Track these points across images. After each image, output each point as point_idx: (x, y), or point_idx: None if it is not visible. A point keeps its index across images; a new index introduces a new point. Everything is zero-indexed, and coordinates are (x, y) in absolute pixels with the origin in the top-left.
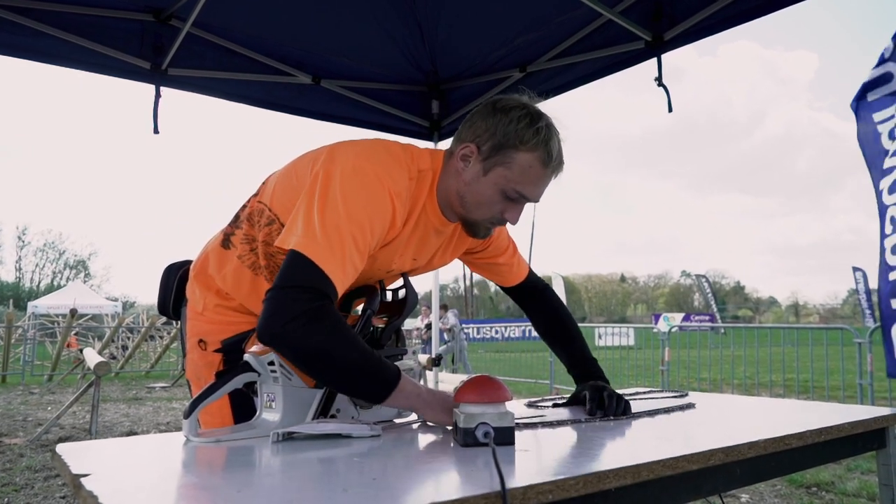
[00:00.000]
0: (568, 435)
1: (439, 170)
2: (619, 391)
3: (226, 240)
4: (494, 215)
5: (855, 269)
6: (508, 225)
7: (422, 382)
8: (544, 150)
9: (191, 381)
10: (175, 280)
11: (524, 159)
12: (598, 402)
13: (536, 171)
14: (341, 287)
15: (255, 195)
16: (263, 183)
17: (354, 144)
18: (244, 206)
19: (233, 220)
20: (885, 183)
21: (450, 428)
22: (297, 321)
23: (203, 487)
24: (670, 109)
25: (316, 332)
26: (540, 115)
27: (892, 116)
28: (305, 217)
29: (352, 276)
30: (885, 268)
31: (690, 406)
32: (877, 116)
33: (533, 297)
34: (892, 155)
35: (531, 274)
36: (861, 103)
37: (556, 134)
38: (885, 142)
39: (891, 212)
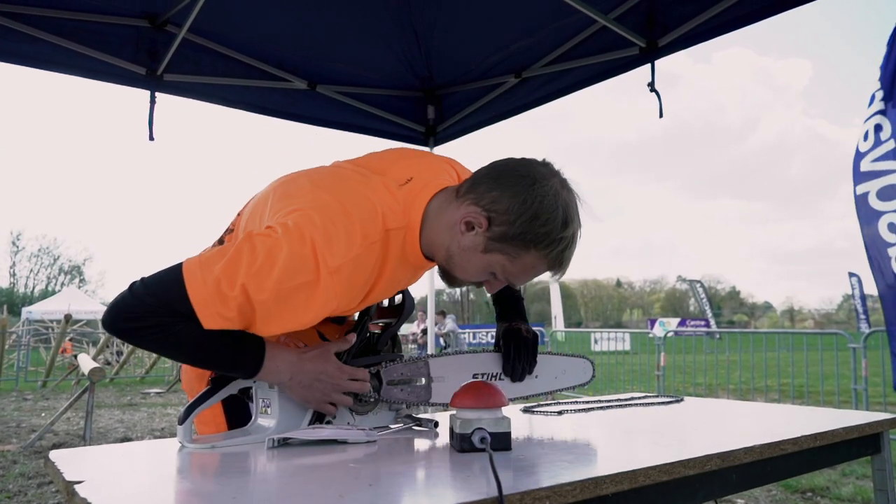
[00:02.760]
0: (563, 438)
1: (417, 225)
2: (615, 397)
3: None
4: (475, 282)
5: (851, 275)
6: None
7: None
8: (556, 259)
9: (186, 393)
10: None
11: (531, 259)
12: (508, 359)
13: (538, 271)
14: (211, 321)
15: (231, 230)
16: (238, 214)
17: (316, 213)
18: (222, 240)
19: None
20: (869, 188)
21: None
22: (131, 322)
23: (198, 494)
24: (661, 115)
25: (144, 339)
26: (569, 222)
27: (872, 115)
28: (223, 254)
29: (230, 325)
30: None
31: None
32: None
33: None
34: (876, 159)
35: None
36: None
37: (576, 242)
38: (860, 143)
39: (888, 218)
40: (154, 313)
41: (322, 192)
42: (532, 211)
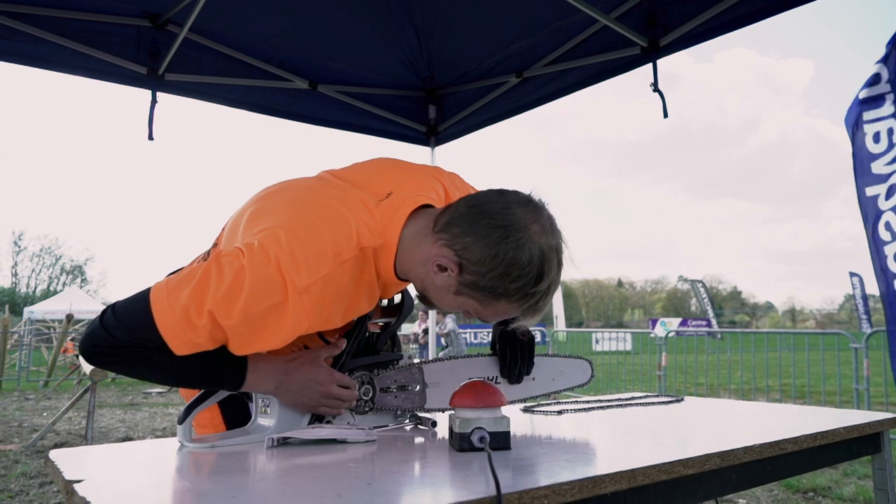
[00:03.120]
0: (563, 438)
1: (393, 245)
2: (615, 396)
3: None
4: (452, 311)
5: (852, 275)
6: None
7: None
8: (530, 309)
9: (184, 398)
10: None
11: (503, 307)
12: (505, 362)
13: (509, 315)
14: (182, 349)
15: (216, 245)
16: (223, 228)
17: (284, 232)
18: (209, 253)
19: (202, 259)
20: (879, 189)
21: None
22: (101, 350)
23: (197, 493)
24: (665, 115)
25: (121, 368)
26: (544, 276)
27: (879, 119)
28: (191, 279)
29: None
30: (890, 275)
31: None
32: (865, 116)
33: None
34: (889, 162)
35: None
36: (854, 103)
37: (552, 292)
38: (871, 144)
39: (886, 217)
40: (126, 345)
41: (294, 210)
42: (503, 266)
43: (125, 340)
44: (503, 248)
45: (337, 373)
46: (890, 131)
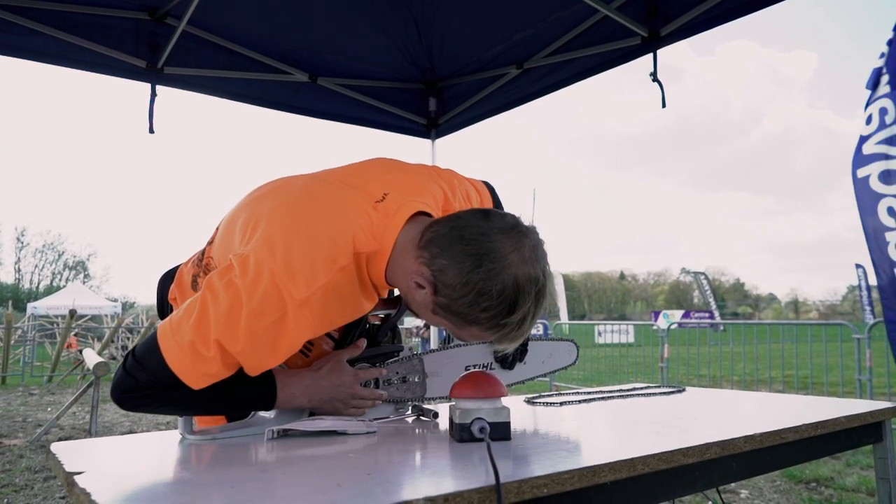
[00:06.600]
0: (564, 428)
1: (388, 251)
2: (616, 387)
3: (193, 281)
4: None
5: (857, 266)
6: None
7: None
8: (503, 338)
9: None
10: (168, 289)
11: (476, 332)
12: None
13: (483, 339)
14: (199, 383)
15: (211, 242)
16: (217, 228)
17: (279, 242)
18: (204, 252)
19: (198, 259)
20: (871, 170)
21: (431, 419)
22: (130, 394)
23: (197, 483)
24: (664, 104)
25: (151, 408)
26: (517, 308)
27: (874, 99)
28: (191, 312)
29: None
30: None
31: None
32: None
33: None
34: (880, 141)
35: None
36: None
37: (528, 322)
38: (862, 126)
39: (889, 202)
40: (148, 386)
41: (288, 216)
42: (473, 295)
43: (149, 381)
44: (473, 277)
45: (361, 372)
46: (882, 111)
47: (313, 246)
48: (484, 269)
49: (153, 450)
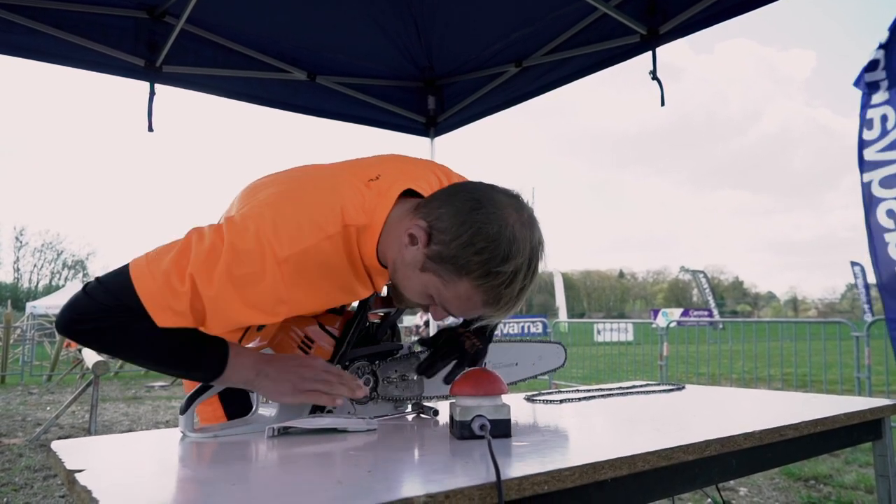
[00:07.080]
0: (564, 426)
1: (379, 227)
2: (616, 385)
3: None
4: (419, 304)
5: (853, 264)
6: None
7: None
8: (491, 295)
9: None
10: None
11: (464, 288)
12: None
13: (472, 304)
14: (163, 317)
15: None
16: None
17: (267, 208)
18: None
19: None
20: (873, 176)
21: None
22: (83, 318)
23: (197, 481)
24: (663, 103)
25: (99, 340)
26: (511, 258)
27: (874, 105)
28: (172, 247)
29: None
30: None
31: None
32: (865, 101)
33: None
34: (882, 149)
35: None
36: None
37: (519, 281)
38: (865, 131)
39: (888, 205)
40: (107, 312)
41: (280, 189)
42: (468, 235)
43: (108, 307)
44: (472, 217)
45: (336, 367)
46: (884, 118)
47: (300, 209)
48: (483, 211)
49: (154, 448)
